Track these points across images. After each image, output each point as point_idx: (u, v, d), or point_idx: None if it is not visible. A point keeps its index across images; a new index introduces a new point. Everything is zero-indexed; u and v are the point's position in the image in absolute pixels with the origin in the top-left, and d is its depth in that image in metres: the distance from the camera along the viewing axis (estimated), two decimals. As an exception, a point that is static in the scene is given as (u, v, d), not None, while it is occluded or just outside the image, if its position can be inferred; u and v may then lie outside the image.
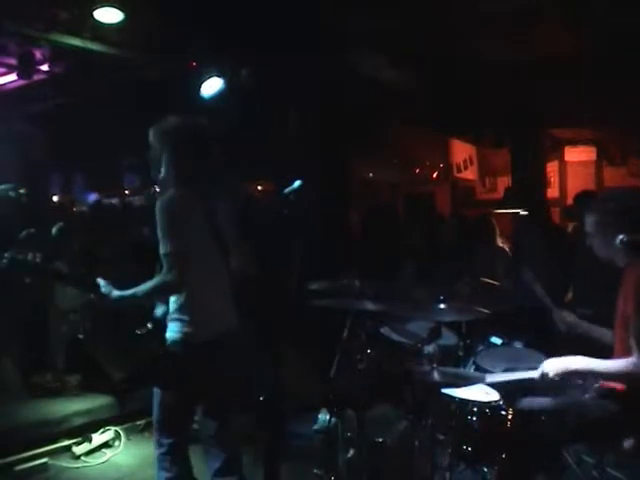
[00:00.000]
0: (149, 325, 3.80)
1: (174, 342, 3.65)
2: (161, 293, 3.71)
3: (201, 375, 3.65)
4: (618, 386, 3.47)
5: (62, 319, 6.46)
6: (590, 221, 3.55)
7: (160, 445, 3.76)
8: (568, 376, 3.47)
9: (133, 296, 3.64)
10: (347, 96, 8.39)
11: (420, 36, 7.55)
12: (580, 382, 3.56)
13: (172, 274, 3.53)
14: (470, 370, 4.21)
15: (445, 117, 10.65)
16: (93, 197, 12.18)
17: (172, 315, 3.69)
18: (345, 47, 7.56)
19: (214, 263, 3.79)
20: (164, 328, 3.72)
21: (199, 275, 3.65)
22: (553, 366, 3.47)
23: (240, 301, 3.93)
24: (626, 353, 3.38)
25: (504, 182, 13.88)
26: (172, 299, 3.69)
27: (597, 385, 3.57)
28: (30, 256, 3.96)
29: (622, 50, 7.55)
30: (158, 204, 3.62)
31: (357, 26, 7.28)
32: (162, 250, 3.56)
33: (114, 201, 12.60)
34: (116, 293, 3.69)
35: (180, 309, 3.67)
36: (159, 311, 3.80)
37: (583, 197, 6.78)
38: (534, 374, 3.57)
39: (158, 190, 4.15)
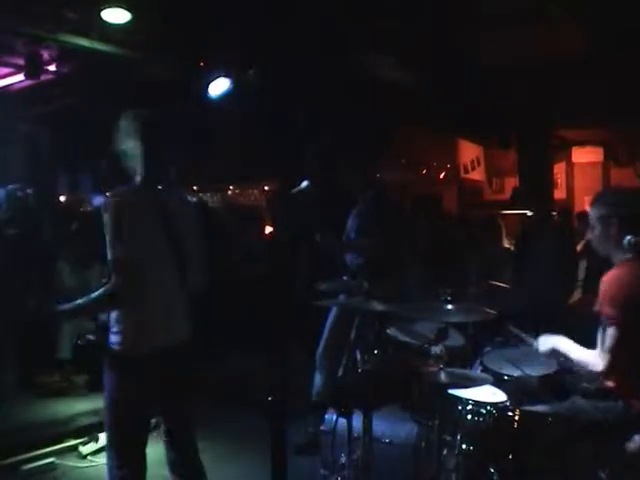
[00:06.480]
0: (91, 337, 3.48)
1: (112, 354, 3.40)
2: (109, 304, 3.37)
3: (144, 388, 3.41)
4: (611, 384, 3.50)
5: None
6: (596, 214, 3.57)
7: (112, 463, 3.49)
8: (554, 353, 3.70)
9: (78, 308, 3.39)
10: (355, 96, 8.40)
11: (426, 37, 7.55)
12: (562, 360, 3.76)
13: (119, 283, 3.27)
14: (477, 371, 4.20)
15: (453, 118, 10.65)
16: (99, 199, 12.19)
17: (112, 325, 3.39)
18: (353, 47, 7.56)
19: (164, 273, 3.43)
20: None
21: (144, 284, 3.34)
22: (545, 341, 3.72)
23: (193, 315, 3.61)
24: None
25: (511, 183, 13.88)
26: None
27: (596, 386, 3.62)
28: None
29: (629, 50, 7.53)
30: (106, 201, 3.31)
31: (364, 27, 7.28)
32: (109, 255, 3.28)
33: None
34: (61, 307, 3.42)
35: (119, 320, 3.37)
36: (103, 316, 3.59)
37: None
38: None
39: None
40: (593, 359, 3.45)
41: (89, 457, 5.43)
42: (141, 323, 3.37)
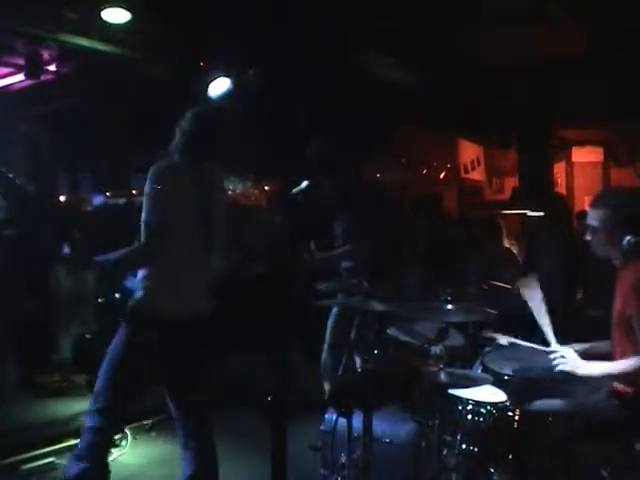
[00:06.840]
0: (117, 295, 3.72)
1: (131, 308, 3.60)
2: (134, 261, 3.65)
3: (153, 349, 3.57)
4: (628, 389, 3.46)
5: (70, 319, 6.49)
6: (596, 216, 3.55)
7: (91, 419, 3.73)
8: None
9: (111, 261, 3.60)
10: (355, 96, 8.40)
11: (426, 37, 7.55)
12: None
13: (147, 244, 3.52)
14: (477, 371, 4.20)
15: (453, 118, 10.65)
16: (99, 198, 12.21)
17: (138, 283, 3.63)
18: (353, 47, 7.56)
19: (192, 245, 3.67)
20: None
21: (173, 251, 3.57)
22: (573, 366, 3.49)
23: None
24: (625, 354, 3.37)
25: (511, 183, 13.88)
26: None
27: (606, 388, 3.58)
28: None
29: (629, 50, 7.54)
30: (153, 168, 3.55)
31: (364, 27, 7.28)
32: (144, 217, 3.51)
33: (120, 201, 12.63)
34: (99, 258, 3.64)
35: (146, 279, 3.60)
36: (129, 283, 3.76)
37: None
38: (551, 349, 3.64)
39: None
40: (635, 361, 3.29)
41: (89, 457, 5.41)
42: (164, 284, 3.59)
